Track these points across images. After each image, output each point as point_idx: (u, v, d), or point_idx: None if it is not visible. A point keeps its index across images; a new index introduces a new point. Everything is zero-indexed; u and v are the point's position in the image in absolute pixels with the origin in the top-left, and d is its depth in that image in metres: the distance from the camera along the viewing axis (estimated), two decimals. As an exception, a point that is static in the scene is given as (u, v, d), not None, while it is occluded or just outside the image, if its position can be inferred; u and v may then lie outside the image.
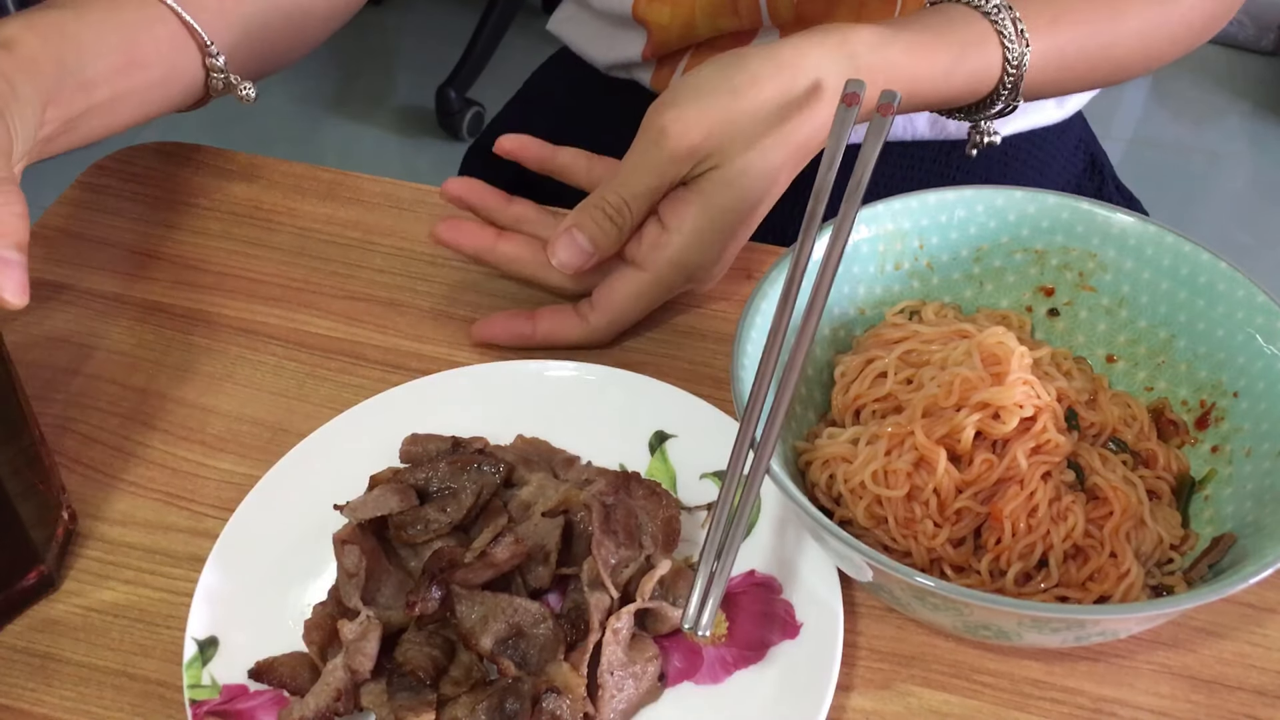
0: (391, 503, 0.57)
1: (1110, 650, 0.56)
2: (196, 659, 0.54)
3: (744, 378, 0.55)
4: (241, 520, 0.59)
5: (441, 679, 0.53)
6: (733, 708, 0.53)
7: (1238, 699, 0.55)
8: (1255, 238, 2.08)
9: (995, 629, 0.51)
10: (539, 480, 0.59)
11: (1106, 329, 0.63)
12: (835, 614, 0.54)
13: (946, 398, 0.56)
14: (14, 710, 0.55)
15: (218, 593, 0.56)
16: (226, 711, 0.53)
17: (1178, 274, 0.60)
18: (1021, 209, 0.63)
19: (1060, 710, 0.55)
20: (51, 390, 0.67)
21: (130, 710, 0.54)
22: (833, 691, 0.52)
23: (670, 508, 0.58)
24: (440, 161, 2.25)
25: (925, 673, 0.56)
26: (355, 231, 0.76)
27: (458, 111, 2.28)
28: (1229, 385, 0.58)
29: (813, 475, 0.58)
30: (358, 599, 0.55)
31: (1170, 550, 0.57)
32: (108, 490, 0.62)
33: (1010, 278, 0.64)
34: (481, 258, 0.68)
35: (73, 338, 0.70)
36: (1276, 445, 0.55)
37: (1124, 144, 2.30)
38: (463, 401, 0.64)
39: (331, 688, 0.52)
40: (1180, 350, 0.61)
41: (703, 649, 0.55)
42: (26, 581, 0.57)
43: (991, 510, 0.55)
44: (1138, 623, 0.50)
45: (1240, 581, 0.48)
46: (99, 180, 0.80)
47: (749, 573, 0.57)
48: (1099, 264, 0.62)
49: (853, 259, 0.62)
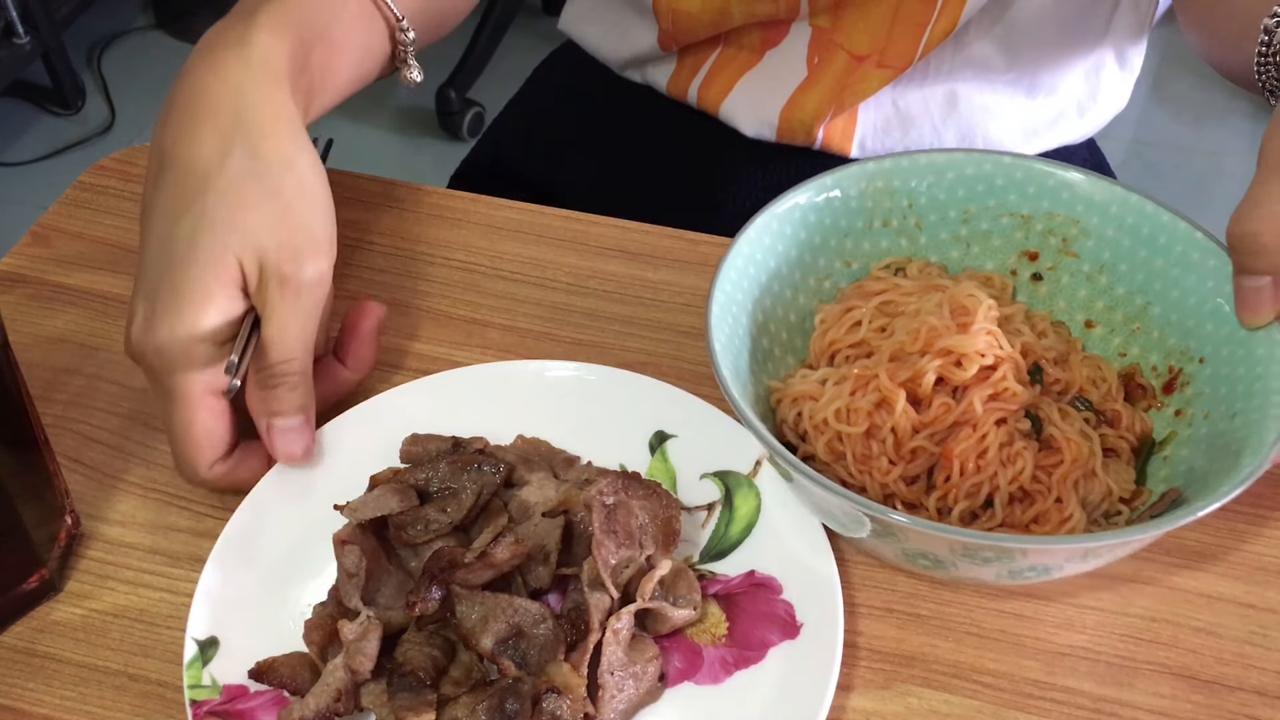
0: (391, 503, 0.57)
1: (1110, 650, 0.56)
2: (197, 659, 0.54)
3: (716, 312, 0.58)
4: (242, 520, 0.59)
5: (442, 679, 0.53)
6: (733, 708, 0.53)
7: (1238, 699, 0.55)
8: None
9: (932, 558, 0.53)
10: (539, 480, 0.59)
11: (1087, 295, 0.65)
12: (836, 614, 0.54)
13: (913, 344, 0.58)
14: (14, 710, 0.55)
15: (218, 593, 0.56)
16: (227, 712, 0.53)
17: (1155, 242, 0.61)
18: (1009, 174, 0.64)
19: (1060, 710, 0.55)
20: (52, 390, 0.67)
21: (130, 711, 0.55)
22: (833, 692, 0.52)
23: (670, 508, 0.58)
24: (440, 161, 2.25)
25: (925, 673, 0.56)
26: (355, 231, 0.76)
27: (458, 111, 2.28)
28: (1196, 352, 0.60)
29: (782, 412, 0.61)
30: (358, 599, 0.55)
31: (1120, 504, 0.58)
32: (108, 490, 0.62)
33: (996, 241, 0.66)
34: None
35: (73, 338, 0.70)
36: (1232, 409, 0.56)
37: (1124, 144, 2.30)
38: (463, 401, 0.64)
39: (332, 688, 0.52)
40: (1154, 317, 0.62)
41: (703, 649, 0.55)
42: (28, 585, 0.57)
43: (943, 450, 0.57)
44: (1066, 557, 0.51)
45: (1167, 524, 0.49)
46: (99, 180, 0.80)
47: (749, 573, 0.57)
48: (1082, 230, 0.64)
49: (841, 213, 0.64)
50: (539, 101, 1.04)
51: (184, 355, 0.57)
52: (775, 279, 0.63)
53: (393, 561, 0.57)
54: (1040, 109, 0.89)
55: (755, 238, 0.61)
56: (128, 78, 2.43)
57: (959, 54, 0.85)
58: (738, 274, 0.60)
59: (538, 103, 1.04)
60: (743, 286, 0.60)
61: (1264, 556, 0.60)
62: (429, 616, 0.54)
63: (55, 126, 2.34)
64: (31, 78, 2.32)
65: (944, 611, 0.58)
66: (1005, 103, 0.88)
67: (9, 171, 2.25)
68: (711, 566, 0.58)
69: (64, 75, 2.30)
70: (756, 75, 0.87)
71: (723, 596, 0.57)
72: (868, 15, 0.82)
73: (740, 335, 0.60)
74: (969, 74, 0.86)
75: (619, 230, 0.76)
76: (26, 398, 0.56)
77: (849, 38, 0.83)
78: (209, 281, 0.56)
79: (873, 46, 0.82)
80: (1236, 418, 0.56)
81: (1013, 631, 0.57)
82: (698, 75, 0.88)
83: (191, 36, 2.52)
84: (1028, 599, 0.58)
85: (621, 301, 0.71)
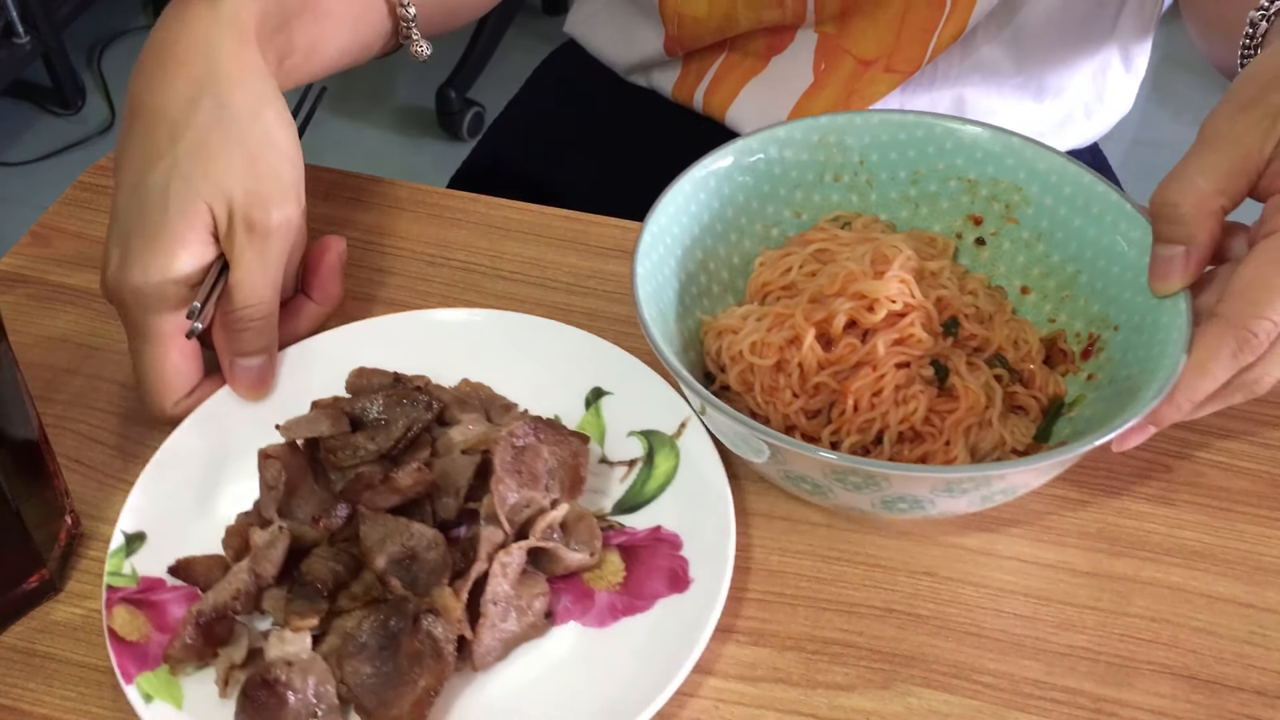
0: (323, 426, 0.60)
1: (1110, 650, 0.56)
2: (121, 550, 0.58)
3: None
4: (188, 430, 0.62)
5: (340, 592, 0.56)
6: (613, 651, 0.55)
7: (1238, 699, 0.55)
8: (1255, 237, 2.08)
9: (811, 483, 0.55)
10: (470, 420, 0.62)
11: (1025, 261, 0.67)
12: (725, 573, 0.56)
13: (831, 286, 0.61)
14: (14, 710, 0.55)
15: (153, 493, 0.59)
16: (141, 600, 0.56)
17: (1089, 212, 0.63)
18: (958, 138, 0.66)
19: (1060, 710, 0.55)
20: (52, 390, 0.67)
21: (130, 711, 0.54)
22: (704, 644, 0.54)
23: (580, 455, 0.60)
24: (440, 161, 2.25)
25: (925, 673, 0.56)
26: (355, 231, 0.76)
27: (458, 111, 2.28)
28: (1113, 319, 0.62)
29: (707, 344, 0.64)
30: (274, 510, 0.58)
31: (1013, 454, 0.61)
32: (108, 490, 0.62)
33: (944, 204, 0.68)
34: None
35: (73, 338, 0.70)
36: (1133, 372, 0.59)
37: (1124, 144, 2.29)
38: (417, 343, 0.66)
39: (232, 587, 0.54)
40: (1082, 285, 0.64)
41: (596, 594, 0.57)
42: (28, 585, 0.57)
43: (842, 387, 0.60)
44: (930, 487, 0.53)
45: (1029, 463, 0.52)
46: (99, 180, 0.80)
47: (655, 528, 0.59)
48: (1024, 198, 0.66)
49: (792, 164, 0.65)
50: (539, 102, 1.04)
51: (157, 297, 0.59)
52: (719, 220, 0.65)
53: (320, 482, 0.60)
54: (1048, 112, 0.89)
55: (701, 178, 0.64)
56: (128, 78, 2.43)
57: (967, 58, 0.85)
58: (677, 209, 0.63)
59: (538, 103, 1.04)
60: (681, 222, 0.63)
61: (1264, 556, 0.60)
62: (340, 534, 0.57)
63: (55, 126, 2.34)
64: (31, 78, 2.32)
65: (944, 611, 0.58)
66: (1013, 106, 0.88)
67: (9, 171, 2.25)
68: (622, 519, 0.60)
69: (64, 75, 2.30)
70: (762, 81, 0.87)
71: (625, 547, 0.59)
72: (875, 21, 0.82)
73: (672, 268, 0.62)
74: (976, 78, 0.86)
75: (619, 230, 0.76)
76: (26, 397, 0.56)
77: (856, 43, 0.83)
78: (181, 228, 0.59)
79: (880, 51, 0.82)
80: (1130, 379, 0.58)
81: (1013, 631, 0.57)
82: (703, 81, 0.88)
83: (191, 36, 2.52)
84: (1027, 598, 0.58)
85: (621, 301, 0.71)
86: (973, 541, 0.61)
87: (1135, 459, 0.63)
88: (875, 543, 0.61)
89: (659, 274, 0.61)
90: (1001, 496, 0.56)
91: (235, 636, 0.54)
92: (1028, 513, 0.62)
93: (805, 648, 0.57)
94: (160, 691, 0.53)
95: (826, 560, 0.60)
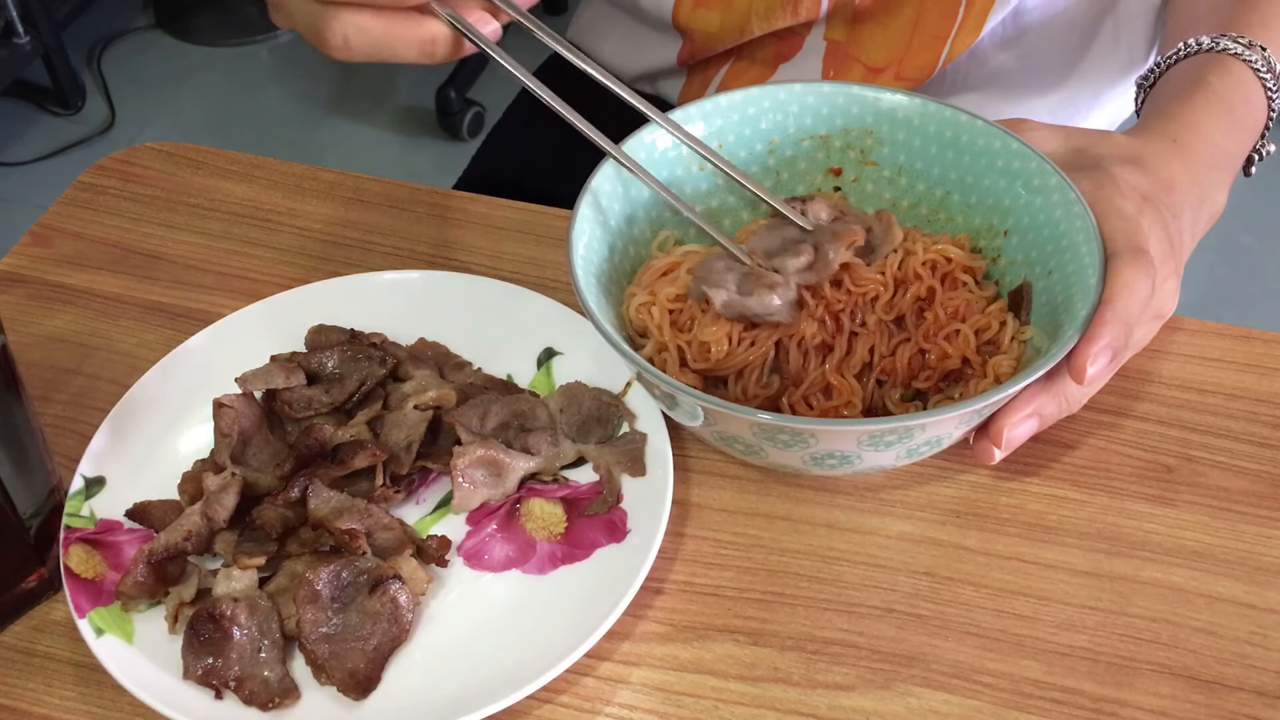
0: (278, 379, 0.63)
1: (1110, 650, 0.57)
2: (80, 493, 0.60)
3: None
4: (151, 380, 0.64)
5: (290, 538, 0.58)
6: (549, 596, 0.58)
7: (1238, 699, 0.55)
8: (1256, 238, 2.08)
9: (743, 443, 0.56)
10: (423, 377, 0.64)
11: (892, 197, 0.68)
12: (660, 525, 0.58)
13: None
14: (14, 710, 0.55)
15: (114, 440, 0.62)
16: (97, 541, 0.58)
17: (943, 138, 0.65)
18: (802, 100, 0.67)
19: (1060, 710, 0.55)
20: (52, 390, 0.67)
21: (130, 711, 0.55)
22: (635, 591, 0.56)
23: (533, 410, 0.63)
24: (440, 161, 2.25)
25: (925, 673, 0.56)
26: (355, 231, 0.76)
27: (458, 111, 2.28)
28: (999, 226, 0.64)
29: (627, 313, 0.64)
30: (227, 457, 0.60)
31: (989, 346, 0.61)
32: (108, 490, 0.63)
33: (802, 165, 0.69)
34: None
35: (73, 338, 0.70)
36: (1046, 267, 0.61)
37: (1124, 144, 2.30)
38: (378, 302, 0.69)
39: (184, 528, 0.57)
40: (955, 204, 0.66)
41: (538, 544, 0.60)
42: (27, 585, 0.57)
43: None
44: (855, 440, 0.54)
45: (958, 408, 0.52)
46: (99, 180, 0.80)
47: (597, 481, 0.62)
48: (876, 140, 0.67)
49: (661, 164, 0.66)
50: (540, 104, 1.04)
51: None
52: (640, 208, 0.66)
53: (275, 433, 0.63)
54: (1056, 118, 0.89)
55: (612, 173, 0.65)
56: (128, 78, 2.43)
57: (976, 66, 0.85)
58: (606, 198, 0.64)
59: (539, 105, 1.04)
60: (612, 208, 0.64)
61: (1264, 556, 0.60)
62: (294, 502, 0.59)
63: (55, 126, 2.34)
64: (31, 78, 2.32)
65: (944, 611, 0.58)
66: (1021, 113, 0.88)
67: (9, 171, 2.25)
68: (567, 473, 0.63)
69: (64, 75, 2.30)
70: None
71: (569, 500, 0.61)
72: (887, 27, 0.82)
73: (599, 241, 0.63)
74: (986, 85, 0.86)
75: (619, 230, 0.76)
76: (24, 395, 0.56)
77: (865, 50, 0.83)
78: None
79: (890, 59, 0.82)
80: (1053, 274, 0.60)
81: (1013, 631, 0.57)
82: (710, 88, 0.88)
83: (191, 36, 2.52)
84: (1027, 598, 0.58)
85: (621, 301, 0.71)
86: (973, 541, 0.61)
87: (1135, 459, 0.63)
88: (875, 543, 0.61)
89: (592, 251, 0.62)
90: (927, 449, 0.56)
91: (186, 576, 0.57)
92: (1028, 513, 0.62)
93: (805, 648, 0.57)
94: (112, 626, 0.55)
95: (826, 560, 0.60)
